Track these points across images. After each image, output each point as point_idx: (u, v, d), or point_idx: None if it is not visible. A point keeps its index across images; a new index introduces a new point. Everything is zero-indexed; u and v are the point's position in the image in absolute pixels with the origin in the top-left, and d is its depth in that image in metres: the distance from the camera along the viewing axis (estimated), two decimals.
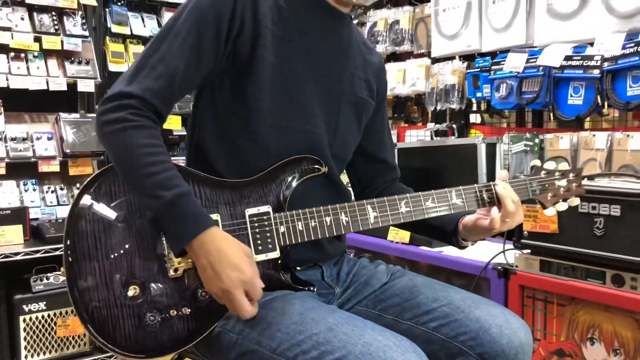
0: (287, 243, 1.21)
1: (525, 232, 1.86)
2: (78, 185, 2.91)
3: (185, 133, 3.22)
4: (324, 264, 1.36)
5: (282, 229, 1.21)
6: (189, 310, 1.16)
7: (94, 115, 2.98)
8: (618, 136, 2.17)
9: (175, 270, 1.16)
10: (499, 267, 1.94)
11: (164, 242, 1.16)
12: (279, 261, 1.21)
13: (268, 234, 1.20)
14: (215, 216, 1.19)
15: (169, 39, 1.19)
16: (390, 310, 1.29)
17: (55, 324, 2.59)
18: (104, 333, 1.13)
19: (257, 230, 1.20)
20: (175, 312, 1.15)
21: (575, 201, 1.39)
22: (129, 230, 1.17)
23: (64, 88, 2.82)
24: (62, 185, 2.90)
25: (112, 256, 1.15)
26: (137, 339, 1.14)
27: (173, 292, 1.16)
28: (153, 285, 1.15)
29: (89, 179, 1.19)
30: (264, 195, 1.23)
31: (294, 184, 1.25)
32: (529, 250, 1.88)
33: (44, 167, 2.77)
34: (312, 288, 1.23)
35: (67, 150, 2.81)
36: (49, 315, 2.58)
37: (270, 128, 1.27)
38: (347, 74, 1.39)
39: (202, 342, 1.18)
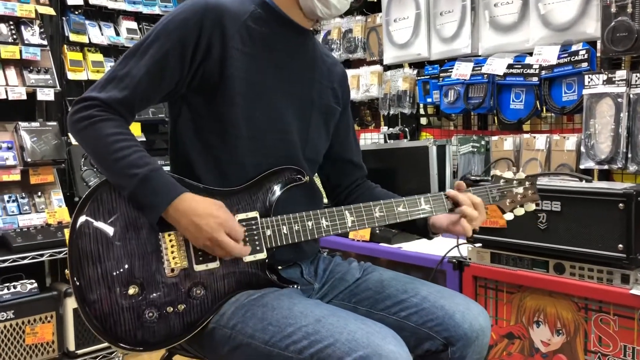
0: (274, 245, 1.32)
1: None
2: (40, 193, 2.92)
3: (145, 139, 3.27)
4: (302, 262, 1.48)
5: (268, 232, 1.32)
6: (184, 306, 1.26)
7: (54, 123, 3.01)
8: (555, 138, 2.39)
9: (172, 270, 1.26)
10: (454, 260, 2.10)
11: (161, 244, 1.26)
12: (266, 261, 1.33)
13: (256, 237, 1.31)
14: None
15: (137, 56, 1.31)
16: (364, 303, 1.42)
17: (23, 332, 2.60)
18: (106, 328, 1.22)
19: (246, 234, 1.30)
20: (171, 309, 1.25)
21: (531, 206, 1.52)
22: (128, 235, 1.26)
23: (24, 97, 2.82)
24: (23, 194, 2.89)
25: (113, 260, 1.24)
26: (136, 334, 1.23)
27: (169, 290, 1.26)
28: (151, 284, 1.25)
29: (86, 193, 1.28)
30: (252, 202, 1.34)
31: (279, 192, 1.37)
32: (480, 244, 2.05)
33: (4, 177, 2.77)
34: (295, 285, 1.36)
35: (28, 159, 2.82)
36: (17, 324, 2.59)
37: (245, 140, 1.37)
38: (316, 84, 1.50)
39: (195, 337, 1.28)
